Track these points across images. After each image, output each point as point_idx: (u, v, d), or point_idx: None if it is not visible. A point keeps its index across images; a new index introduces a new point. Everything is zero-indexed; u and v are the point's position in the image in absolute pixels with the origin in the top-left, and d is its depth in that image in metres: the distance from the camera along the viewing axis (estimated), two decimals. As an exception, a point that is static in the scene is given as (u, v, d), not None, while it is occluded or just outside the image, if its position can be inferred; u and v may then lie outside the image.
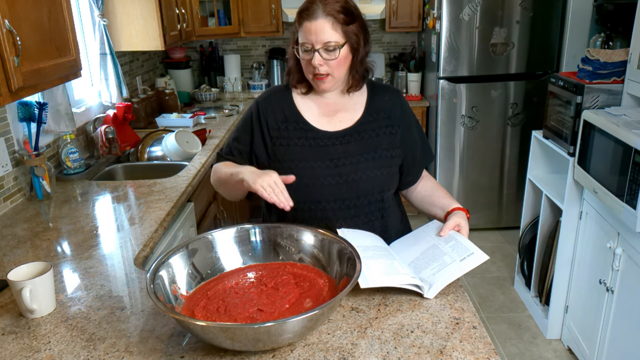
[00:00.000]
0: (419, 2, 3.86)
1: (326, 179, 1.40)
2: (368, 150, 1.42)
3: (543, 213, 2.69)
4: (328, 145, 1.41)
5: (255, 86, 4.22)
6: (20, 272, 1.22)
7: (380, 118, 1.45)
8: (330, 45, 1.31)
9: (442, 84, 3.52)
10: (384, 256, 1.27)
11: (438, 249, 1.33)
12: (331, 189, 1.40)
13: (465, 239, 1.34)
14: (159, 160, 2.66)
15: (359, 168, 1.40)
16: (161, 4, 2.88)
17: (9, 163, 1.98)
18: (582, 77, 2.40)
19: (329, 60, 1.33)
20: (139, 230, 1.70)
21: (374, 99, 1.47)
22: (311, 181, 1.40)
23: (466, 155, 3.68)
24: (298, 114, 1.44)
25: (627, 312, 2.01)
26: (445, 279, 1.23)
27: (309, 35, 1.31)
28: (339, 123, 1.43)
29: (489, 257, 1.26)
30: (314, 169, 1.40)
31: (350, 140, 1.42)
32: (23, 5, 1.52)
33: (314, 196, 1.41)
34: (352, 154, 1.41)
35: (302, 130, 1.42)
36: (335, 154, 1.41)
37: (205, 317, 1.10)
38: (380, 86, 1.51)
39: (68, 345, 1.11)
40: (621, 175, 1.93)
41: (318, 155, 1.40)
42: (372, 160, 1.42)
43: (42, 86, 1.67)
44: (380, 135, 1.44)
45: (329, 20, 1.30)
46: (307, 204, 1.42)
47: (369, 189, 1.42)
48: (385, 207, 1.47)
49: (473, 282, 3.21)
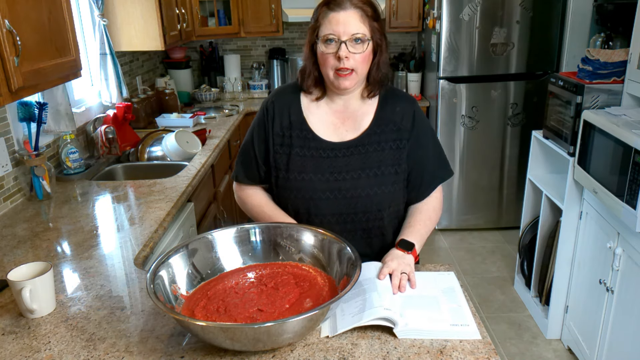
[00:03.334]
0: (419, 2, 3.86)
1: (324, 193, 1.36)
2: (371, 166, 1.36)
3: (543, 213, 2.68)
4: (330, 157, 1.36)
5: (255, 86, 4.22)
6: (20, 272, 1.22)
7: (389, 130, 1.37)
8: (358, 36, 1.26)
9: (442, 84, 3.52)
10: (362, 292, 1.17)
11: (436, 303, 1.19)
12: (329, 203, 1.36)
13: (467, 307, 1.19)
14: (159, 160, 2.66)
15: (359, 185, 1.35)
16: (161, 4, 2.88)
17: (9, 163, 1.98)
18: (582, 77, 2.40)
19: (355, 53, 1.27)
20: (139, 230, 1.70)
21: (384, 108, 1.39)
22: (308, 194, 1.37)
23: (466, 155, 3.68)
24: (303, 121, 1.39)
25: (627, 312, 2.01)
26: (426, 330, 1.10)
27: (336, 26, 1.26)
28: (345, 133, 1.38)
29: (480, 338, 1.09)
30: (312, 182, 1.36)
31: (353, 153, 1.36)
32: (23, 5, 1.52)
33: (312, 209, 1.38)
34: (354, 169, 1.36)
35: (306, 139, 1.38)
36: (336, 167, 1.36)
37: (205, 317, 1.10)
38: (393, 94, 1.41)
39: (68, 345, 1.11)
40: (621, 175, 1.93)
41: (318, 168, 1.36)
42: (373, 177, 1.36)
43: (42, 86, 1.67)
44: (386, 150, 1.36)
45: (358, 12, 1.27)
46: (304, 216, 1.39)
47: (368, 206, 1.36)
48: (384, 225, 1.40)
49: (473, 282, 3.21)
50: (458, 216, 3.83)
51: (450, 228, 3.88)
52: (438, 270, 1.37)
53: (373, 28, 1.30)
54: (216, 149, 2.72)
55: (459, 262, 3.45)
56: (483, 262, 3.45)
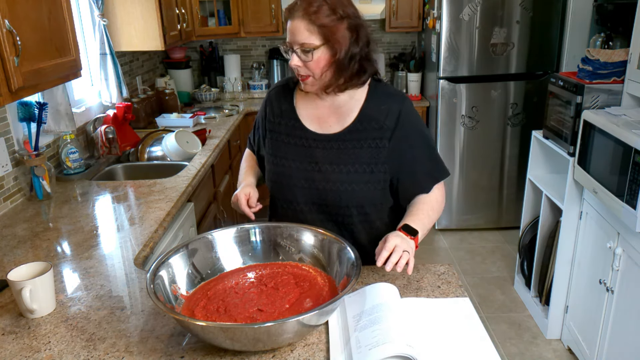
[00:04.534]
0: (419, 2, 3.86)
1: (300, 181, 1.40)
2: (346, 162, 1.36)
3: (543, 213, 2.68)
4: (312, 147, 1.39)
5: (255, 86, 4.22)
6: (20, 272, 1.22)
7: (371, 128, 1.36)
8: (305, 47, 1.26)
9: (442, 84, 3.52)
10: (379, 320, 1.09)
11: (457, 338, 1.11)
12: (304, 191, 1.40)
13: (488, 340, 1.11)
14: (159, 160, 2.66)
15: (331, 178, 1.37)
16: (161, 4, 2.88)
17: (9, 163, 1.98)
18: (582, 77, 2.40)
19: (306, 61, 1.27)
20: (139, 230, 1.70)
21: (369, 105, 1.37)
22: (286, 180, 1.42)
23: (466, 155, 3.68)
24: (293, 111, 1.44)
25: (627, 312, 2.01)
26: None
27: (290, 36, 1.27)
28: (330, 126, 1.39)
29: None
30: (291, 168, 1.41)
31: (333, 147, 1.37)
32: (23, 5, 1.52)
33: (288, 195, 1.43)
34: (329, 162, 1.37)
35: (293, 127, 1.42)
36: (314, 158, 1.39)
37: (205, 317, 1.10)
38: (383, 91, 1.40)
39: (68, 345, 1.11)
40: (621, 175, 1.93)
41: (299, 155, 1.40)
42: (346, 174, 1.36)
43: (42, 86, 1.67)
44: (364, 148, 1.35)
45: (305, 21, 1.24)
46: (280, 202, 1.47)
47: (337, 201, 1.38)
48: (354, 222, 1.40)
49: (473, 282, 3.21)
50: (458, 216, 3.83)
51: (450, 228, 3.88)
52: (437, 269, 1.37)
53: (326, 34, 1.24)
54: (216, 149, 2.72)
55: (459, 262, 3.45)
56: (483, 262, 3.45)
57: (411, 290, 1.28)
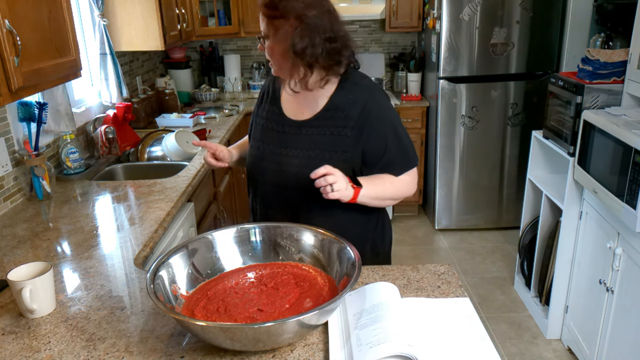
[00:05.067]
0: (419, 2, 3.86)
1: (270, 164, 1.47)
2: (308, 148, 1.42)
3: (543, 213, 2.69)
4: (285, 133, 1.46)
5: (255, 86, 4.22)
6: (20, 272, 1.22)
7: (337, 117, 1.40)
8: (261, 35, 1.38)
9: (442, 84, 3.52)
10: (380, 318, 1.10)
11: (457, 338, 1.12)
12: (270, 173, 1.47)
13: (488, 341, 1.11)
14: (159, 160, 2.66)
15: (292, 162, 1.43)
16: (161, 4, 2.88)
17: (9, 163, 1.98)
18: (582, 77, 2.40)
19: (265, 48, 1.38)
20: (139, 230, 1.70)
21: (337, 94, 1.42)
22: (257, 161, 1.50)
23: (466, 155, 3.68)
24: (277, 97, 1.52)
25: (627, 312, 2.01)
26: None
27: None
28: (301, 114, 1.46)
29: None
30: (263, 151, 1.49)
31: (299, 133, 1.44)
32: (23, 5, 1.52)
33: (257, 176, 1.52)
34: (295, 147, 1.44)
35: (273, 113, 1.50)
36: (282, 142, 1.46)
37: (205, 317, 1.10)
38: (352, 81, 1.42)
39: (68, 345, 1.11)
40: (621, 175, 1.93)
41: (272, 139, 1.48)
42: (305, 159, 1.41)
43: (42, 86, 1.67)
44: (326, 135, 1.41)
45: (261, 11, 1.36)
46: (253, 182, 1.55)
47: (295, 185, 1.43)
48: (310, 209, 1.44)
49: (473, 282, 3.21)
50: (458, 216, 3.83)
51: (450, 228, 3.88)
52: (437, 269, 1.37)
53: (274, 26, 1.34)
54: (216, 149, 2.72)
55: (459, 262, 3.45)
56: (483, 262, 3.45)
57: (411, 290, 1.28)
